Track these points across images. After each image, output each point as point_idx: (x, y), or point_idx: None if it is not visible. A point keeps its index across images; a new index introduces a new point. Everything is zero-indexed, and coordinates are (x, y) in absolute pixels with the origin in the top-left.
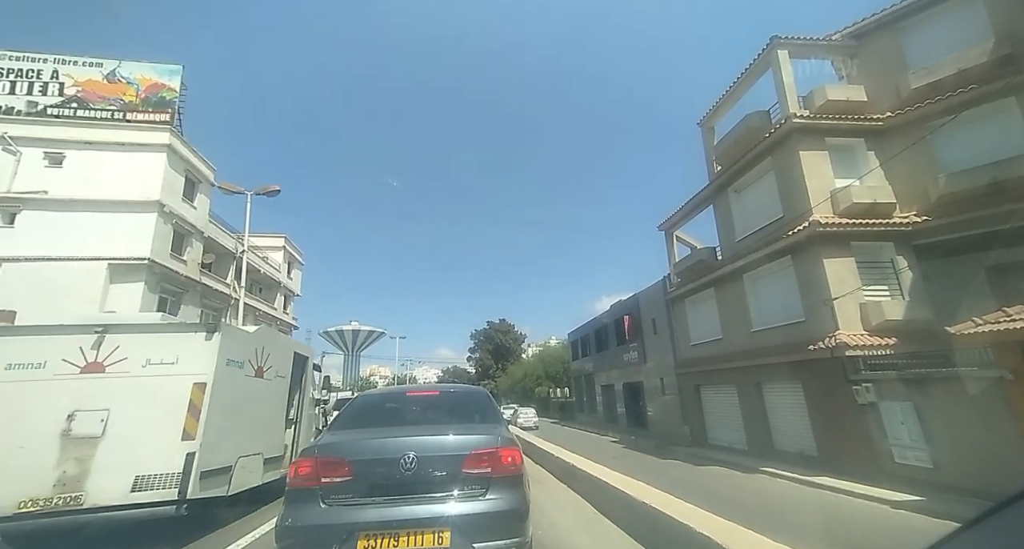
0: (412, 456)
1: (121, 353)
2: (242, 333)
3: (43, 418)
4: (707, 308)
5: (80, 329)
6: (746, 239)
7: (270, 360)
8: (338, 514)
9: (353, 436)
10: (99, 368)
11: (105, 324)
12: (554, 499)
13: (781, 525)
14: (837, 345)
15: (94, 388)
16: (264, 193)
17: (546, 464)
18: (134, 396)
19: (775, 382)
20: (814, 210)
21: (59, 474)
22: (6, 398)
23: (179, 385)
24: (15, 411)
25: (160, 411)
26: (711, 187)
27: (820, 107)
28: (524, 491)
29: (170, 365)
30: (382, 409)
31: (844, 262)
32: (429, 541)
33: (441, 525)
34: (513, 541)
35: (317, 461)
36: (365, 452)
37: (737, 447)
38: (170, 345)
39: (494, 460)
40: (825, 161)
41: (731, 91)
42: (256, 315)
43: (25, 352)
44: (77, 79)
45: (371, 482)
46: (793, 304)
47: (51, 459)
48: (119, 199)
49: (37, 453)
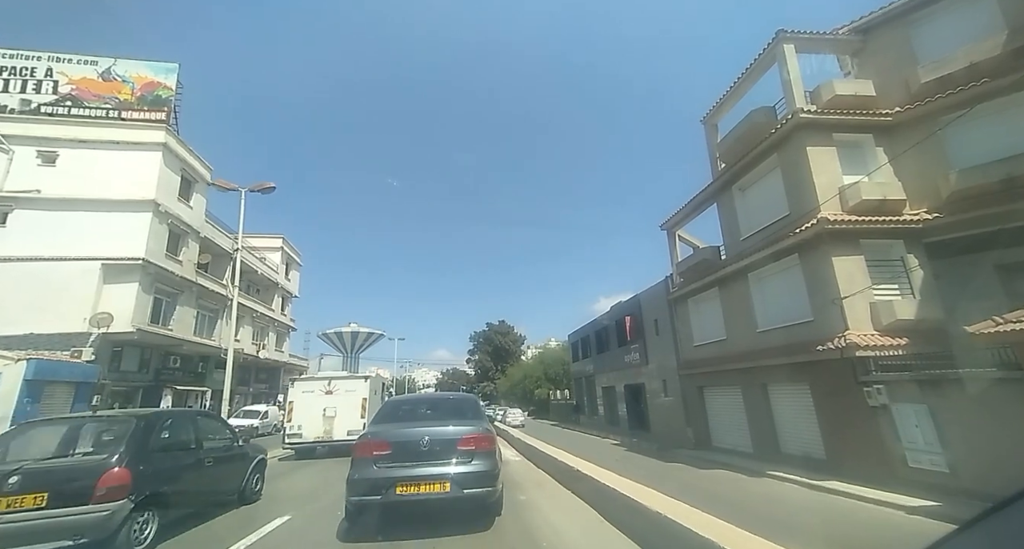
0: (427, 438)
1: (337, 386)
2: (375, 378)
3: (316, 410)
4: (711, 308)
5: (325, 379)
6: (751, 238)
7: (379, 388)
8: (384, 472)
9: (389, 427)
10: (331, 392)
11: (331, 377)
12: (557, 504)
13: (795, 532)
14: (847, 345)
15: (331, 399)
16: (259, 190)
17: (547, 467)
18: (344, 402)
19: (781, 383)
20: (822, 207)
21: (324, 428)
22: (306, 403)
23: (358, 398)
24: (310, 406)
25: (352, 407)
26: (715, 185)
27: (827, 102)
28: (496, 460)
29: (353, 392)
30: (404, 410)
31: (853, 260)
32: (437, 488)
33: (444, 479)
34: (487, 489)
35: (370, 442)
36: (398, 437)
37: (742, 450)
38: (354, 383)
39: (477, 441)
40: (833, 157)
41: (735, 87)
42: (253, 317)
43: (309, 385)
44: (71, 77)
45: (402, 454)
46: (800, 304)
47: (320, 423)
48: (113, 198)
49: (316, 421)
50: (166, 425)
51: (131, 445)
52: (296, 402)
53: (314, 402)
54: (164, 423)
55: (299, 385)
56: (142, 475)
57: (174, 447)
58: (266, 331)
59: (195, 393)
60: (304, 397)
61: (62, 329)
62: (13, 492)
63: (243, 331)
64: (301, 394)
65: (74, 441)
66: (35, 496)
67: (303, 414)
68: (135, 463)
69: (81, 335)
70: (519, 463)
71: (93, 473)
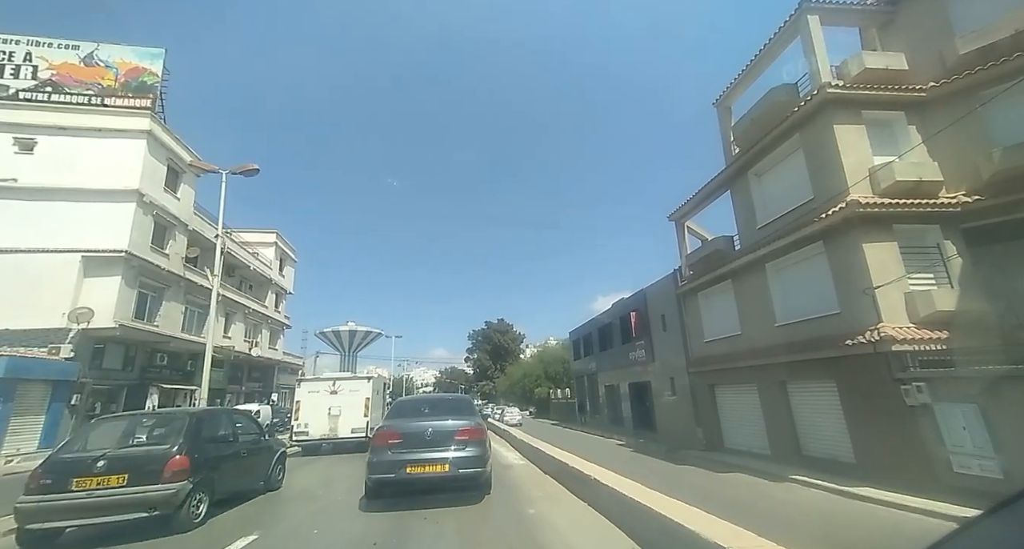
0: (430, 430)
1: (341, 386)
2: (377, 378)
3: (322, 409)
4: (723, 302)
5: (330, 379)
6: (769, 226)
7: (380, 388)
8: (397, 456)
9: (400, 421)
10: (335, 392)
11: (336, 377)
12: (574, 518)
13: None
14: (882, 339)
15: (336, 399)
16: (240, 172)
17: (556, 473)
18: (348, 402)
19: (803, 381)
20: (851, 190)
21: (329, 426)
22: (314, 402)
23: (361, 398)
24: (315, 405)
25: (356, 407)
26: (728, 171)
27: (856, 77)
28: (485, 447)
29: (357, 391)
30: (412, 408)
31: (886, 247)
32: (438, 468)
33: (444, 461)
34: (478, 470)
35: (386, 432)
36: (408, 429)
37: (758, 452)
38: (357, 383)
39: (470, 433)
40: (862, 136)
41: (750, 67)
42: (245, 313)
43: (315, 385)
44: (52, 62)
45: (411, 442)
46: (826, 295)
47: (326, 422)
48: (95, 188)
49: (321, 419)
50: (211, 421)
51: (188, 437)
52: (303, 401)
53: (320, 401)
54: (210, 419)
55: (305, 385)
56: (197, 462)
57: (218, 440)
58: (259, 328)
59: (184, 392)
60: (310, 397)
61: (39, 325)
62: (102, 473)
63: (235, 328)
64: (307, 394)
65: (140, 433)
66: (118, 476)
67: (309, 413)
68: (192, 452)
69: (60, 331)
70: (523, 467)
71: (161, 459)
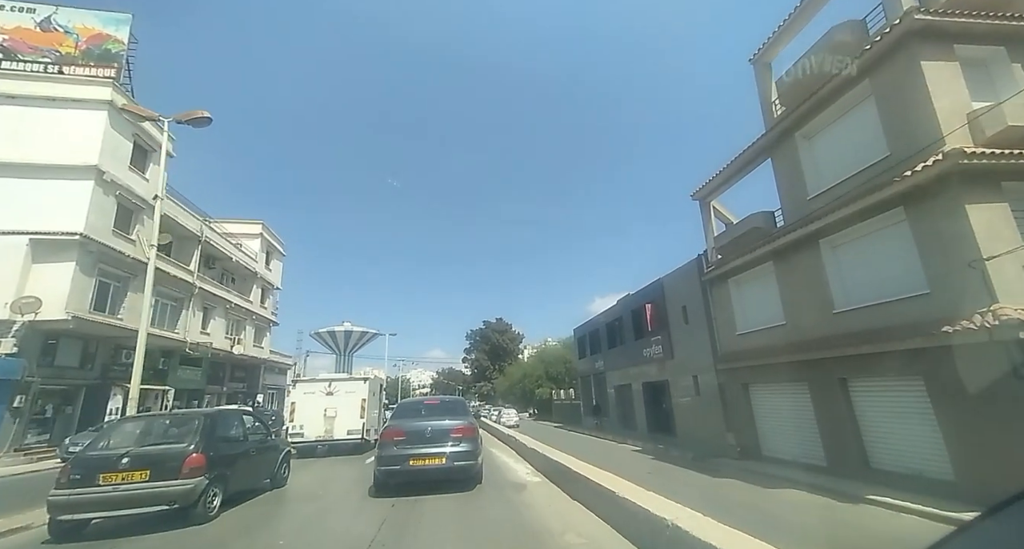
0: (430, 429)
1: (337, 388)
2: (374, 380)
3: (318, 410)
4: (762, 288)
5: (326, 381)
6: (823, 195)
7: (377, 389)
8: (401, 450)
9: (404, 421)
10: (331, 393)
11: (332, 379)
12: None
13: None
14: (1000, 323)
15: (331, 400)
16: (187, 121)
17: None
18: (344, 403)
19: (872, 377)
20: (946, 139)
21: (325, 427)
22: (309, 403)
23: (358, 399)
24: (311, 407)
25: (352, 408)
26: (770, 135)
27: (946, 2)
28: (477, 442)
29: (353, 393)
30: (414, 409)
31: (995, 209)
32: (437, 461)
33: (442, 455)
34: (470, 462)
35: (392, 430)
36: (410, 427)
37: (807, 462)
38: (354, 384)
39: (464, 431)
40: (956, 75)
41: (796, 14)
42: (227, 308)
43: (311, 387)
44: (3, 26)
45: (413, 439)
46: (907, 272)
47: (321, 423)
48: (47, 163)
49: (317, 421)
50: (224, 421)
51: (203, 436)
52: (298, 403)
53: (315, 403)
54: (223, 419)
55: (301, 386)
56: (212, 459)
57: (231, 439)
58: (243, 324)
59: (154, 393)
60: (306, 398)
61: None
62: (126, 469)
63: (215, 324)
64: (303, 395)
65: (158, 432)
66: (141, 472)
67: (305, 414)
68: (207, 450)
69: (1, 323)
70: (541, 488)
71: (180, 456)
